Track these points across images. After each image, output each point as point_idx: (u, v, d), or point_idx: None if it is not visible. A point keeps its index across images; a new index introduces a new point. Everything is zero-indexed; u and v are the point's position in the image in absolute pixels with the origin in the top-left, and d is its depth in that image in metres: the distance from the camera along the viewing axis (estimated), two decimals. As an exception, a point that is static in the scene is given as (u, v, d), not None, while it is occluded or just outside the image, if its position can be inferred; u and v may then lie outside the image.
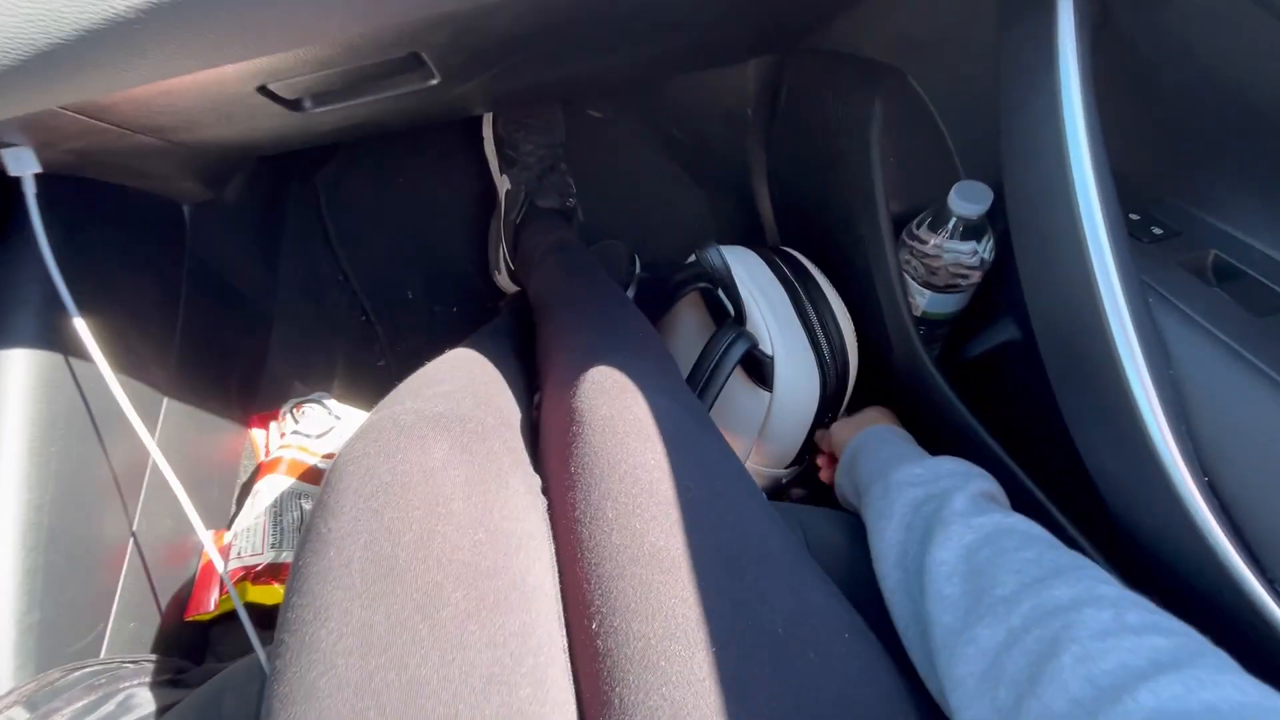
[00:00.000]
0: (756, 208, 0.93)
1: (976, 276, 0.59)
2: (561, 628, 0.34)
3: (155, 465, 0.56)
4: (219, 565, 0.49)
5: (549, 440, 0.41)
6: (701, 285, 0.68)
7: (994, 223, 0.57)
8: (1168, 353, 0.37)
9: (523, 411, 0.47)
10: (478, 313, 1.00)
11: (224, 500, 0.66)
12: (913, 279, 0.62)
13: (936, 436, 0.63)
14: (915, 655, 0.36)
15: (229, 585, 0.45)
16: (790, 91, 0.78)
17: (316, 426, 0.68)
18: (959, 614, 0.33)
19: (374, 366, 0.96)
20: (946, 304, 0.62)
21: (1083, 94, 0.38)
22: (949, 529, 0.37)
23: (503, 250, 0.90)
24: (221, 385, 0.68)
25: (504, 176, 0.89)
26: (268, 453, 0.70)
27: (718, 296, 0.67)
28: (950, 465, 0.44)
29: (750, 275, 0.67)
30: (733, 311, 0.65)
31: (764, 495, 0.39)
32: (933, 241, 0.59)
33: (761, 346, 0.63)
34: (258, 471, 0.66)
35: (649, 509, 0.34)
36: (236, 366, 0.72)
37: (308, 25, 0.33)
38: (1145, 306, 0.37)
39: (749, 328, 0.64)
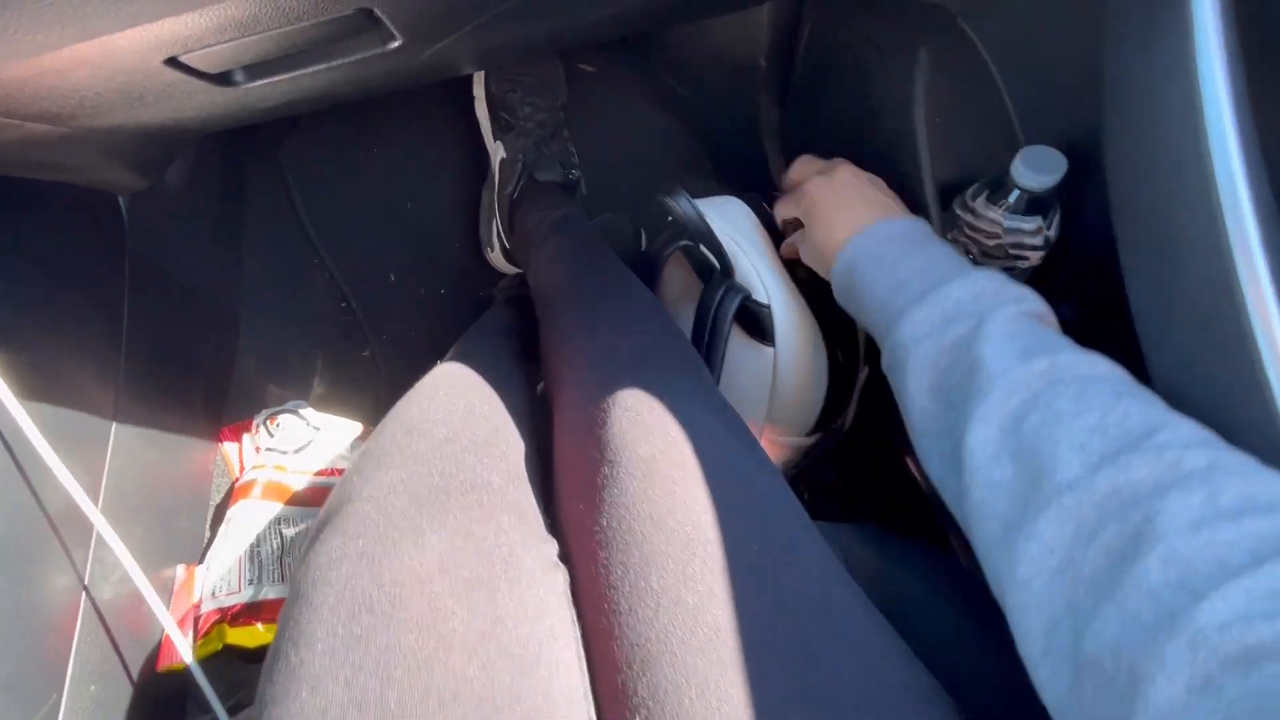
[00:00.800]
0: (769, 172, 0.84)
1: (1037, 258, 0.51)
2: None
3: (107, 490, 0.50)
4: (169, 628, 0.43)
5: (570, 479, 0.35)
6: (682, 244, 0.60)
7: (1059, 194, 0.49)
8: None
9: (528, 439, 0.40)
10: (468, 294, 0.92)
11: (195, 527, 0.60)
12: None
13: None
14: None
15: (185, 653, 0.39)
16: (812, 37, 0.68)
17: (293, 441, 0.62)
18: (1015, 503, 0.28)
19: (358, 357, 0.88)
20: (1001, 287, 0.54)
21: (1224, 38, 0.30)
22: (986, 396, 0.31)
23: (496, 226, 0.81)
24: (183, 397, 0.61)
25: (498, 143, 0.79)
26: (242, 468, 0.63)
27: (702, 254, 0.59)
28: (959, 292, 0.36)
29: (730, 222, 0.59)
30: (718, 265, 0.58)
31: (818, 535, 0.33)
32: (990, 215, 0.51)
33: (755, 296, 0.56)
34: (231, 495, 0.59)
35: (703, 579, 0.27)
36: (200, 374, 0.64)
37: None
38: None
39: (738, 278, 0.56)
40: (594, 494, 0.31)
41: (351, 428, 0.69)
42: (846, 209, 0.47)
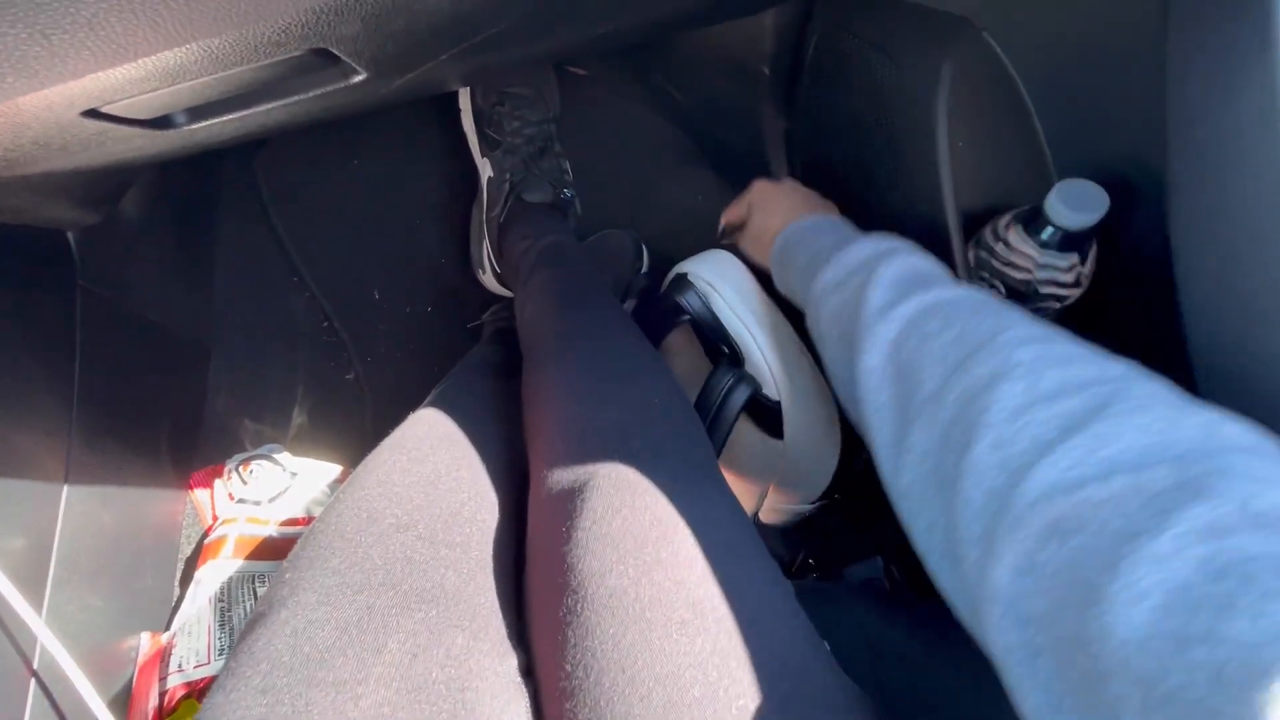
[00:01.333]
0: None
1: (1073, 297, 0.47)
2: None
3: (59, 561, 0.45)
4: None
5: (535, 596, 0.30)
6: (686, 319, 0.56)
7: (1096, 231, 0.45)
8: None
9: (504, 506, 0.36)
10: (457, 312, 0.88)
11: (162, 585, 0.56)
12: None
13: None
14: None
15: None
16: (820, 46, 0.63)
17: (268, 489, 0.57)
18: (895, 422, 0.31)
19: (342, 381, 0.84)
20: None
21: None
22: (872, 330, 0.34)
23: (486, 248, 0.76)
24: (146, 446, 0.57)
25: (485, 160, 0.74)
26: (215, 515, 0.59)
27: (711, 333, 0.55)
28: (859, 252, 0.40)
29: (741, 298, 0.54)
30: (727, 349, 0.53)
31: (834, 668, 0.28)
32: (1025, 249, 0.46)
33: (765, 390, 0.51)
34: (200, 553, 0.55)
35: None
36: (165, 417, 0.60)
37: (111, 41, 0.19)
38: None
39: (749, 368, 0.52)
40: (558, 629, 0.27)
41: (329, 471, 0.64)
42: (787, 201, 0.52)
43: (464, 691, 0.25)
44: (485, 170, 0.73)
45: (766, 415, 0.52)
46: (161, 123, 0.33)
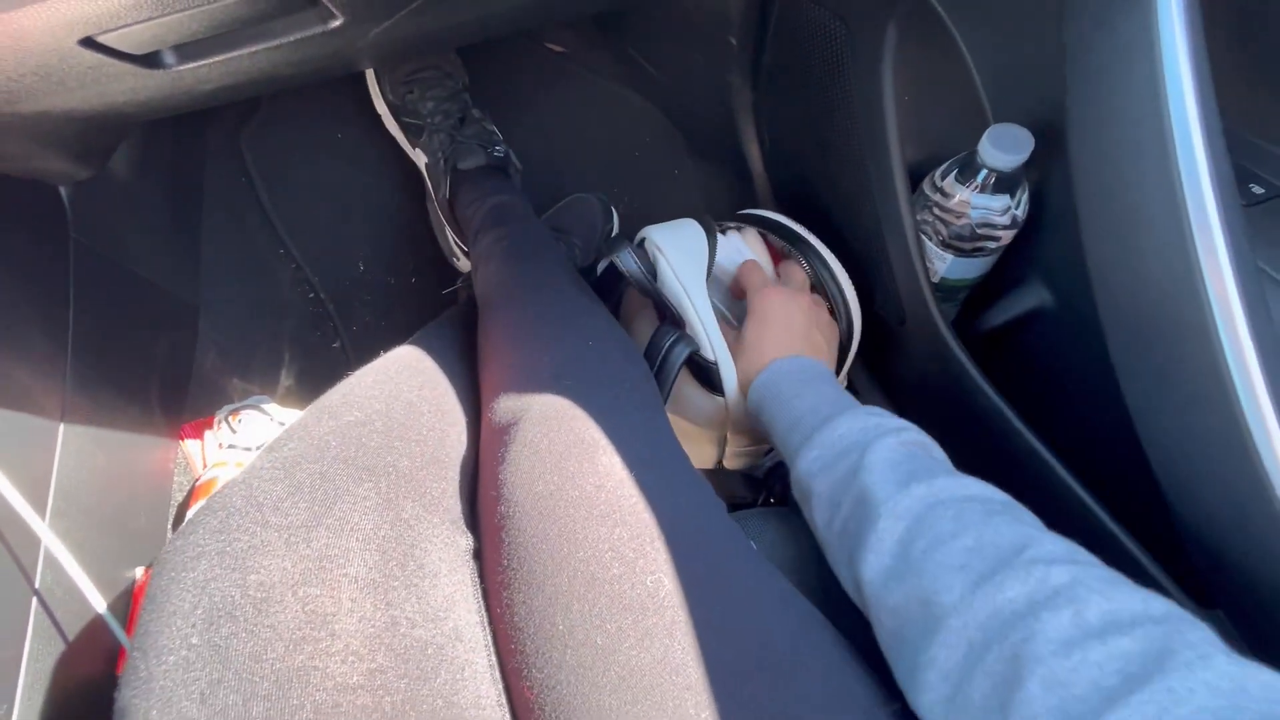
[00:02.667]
0: (744, 154, 0.83)
1: (1007, 237, 0.51)
2: None
3: (57, 492, 0.48)
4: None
5: (481, 509, 0.33)
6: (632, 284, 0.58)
7: (1027, 173, 0.48)
8: None
9: (470, 429, 0.39)
10: (440, 283, 0.90)
11: (156, 528, 0.58)
12: (930, 241, 0.54)
13: (955, 418, 0.56)
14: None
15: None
16: (783, 14, 0.66)
17: (256, 437, 0.60)
18: (914, 629, 0.29)
19: (328, 349, 0.86)
20: (970, 269, 0.54)
21: (1187, 10, 0.29)
22: (875, 525, 0.32)
23: (449, 234, 0.79)
24: (138, 394, 0.59)
25: (417, 150, 0.76)
26: (205, 465, 0.62)
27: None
28: (844, 432, 0.38)
29: (686, 263, 0.57)
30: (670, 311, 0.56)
31: (755, 557, 0.32)
32: (959, 196, 0.50)
33: (704, 352, 0.55)
34: (191, 495, 0.58)
35: (614, 617, 0.26)
36: (155, 369, 0.62)
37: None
38: (1260, 289, 0.29)
39: (689, 330, 0.55)
40: (495, 534, 0.30)
41: (317, 422, 0.67)
42: (784, 329, 0.50)
43: (413, 548, 0.28)
44: (420, 160, 0.76)
45: (705, 374, 0.55)
46: (151, 60, 0.35)
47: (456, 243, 0.77)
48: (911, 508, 0.31)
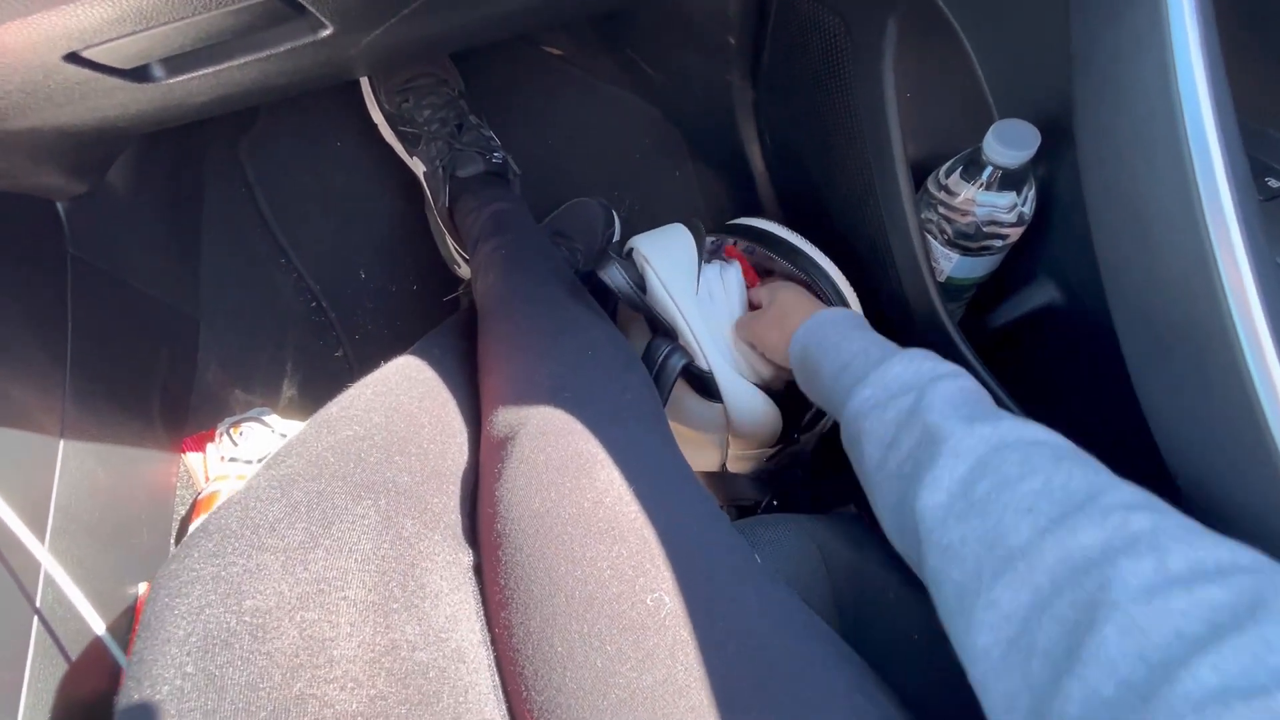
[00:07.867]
0: (745, 155, 0.82)
1: (1014, 235, 0.50)
2: None
3: (57, 510, 0.48)
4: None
5: (480, 525, 0.32)
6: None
7: (1034, 169, 0.47)
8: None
9: (470, 441, 0.38)
10: (441, 289, 0.90)
11: (158, 543, 0.58)
12: (935, 240, 0.53)
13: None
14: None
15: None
16: (781, 12, 0.65)
17: (258, 449, 0.60)
18: (968, 569, 0.28)
19: (330, 358, 0.86)
20: (976, 268, 0.53)
21: (1198, 2, 0.28)
22: (935, 462, 0.31)
23: (450, 242, 0.78)
24: (138, 408, 0.59)
25: (414, 159, 0.75)
26: (207, 479, 0.61)
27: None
28: (900, 371, 0.37)
29: (675, 273, 0.56)
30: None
31: (758, 574, 0.30)
32: (964, 194, 0.49)
33: (697, 362, 0.54)
34: (193, 509, 0.58)
35: (613, 638, 0.25)
36: (156, 382, 0.62)
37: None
38: (1278, 286, 0.28)
39: (681, 341, 0.55)
40: (493, 552, 0.29)
41: (319, 433, 0.66)
42: (798, 309, 0.52)
43: (413, 567, 0.27)
44: (418, 169, 0.75)
45: (701, 382, 0.54)
46: (140, 74, 0.35)
47: (457, 250, 0.77)
48: (975, 448, 0.30)
